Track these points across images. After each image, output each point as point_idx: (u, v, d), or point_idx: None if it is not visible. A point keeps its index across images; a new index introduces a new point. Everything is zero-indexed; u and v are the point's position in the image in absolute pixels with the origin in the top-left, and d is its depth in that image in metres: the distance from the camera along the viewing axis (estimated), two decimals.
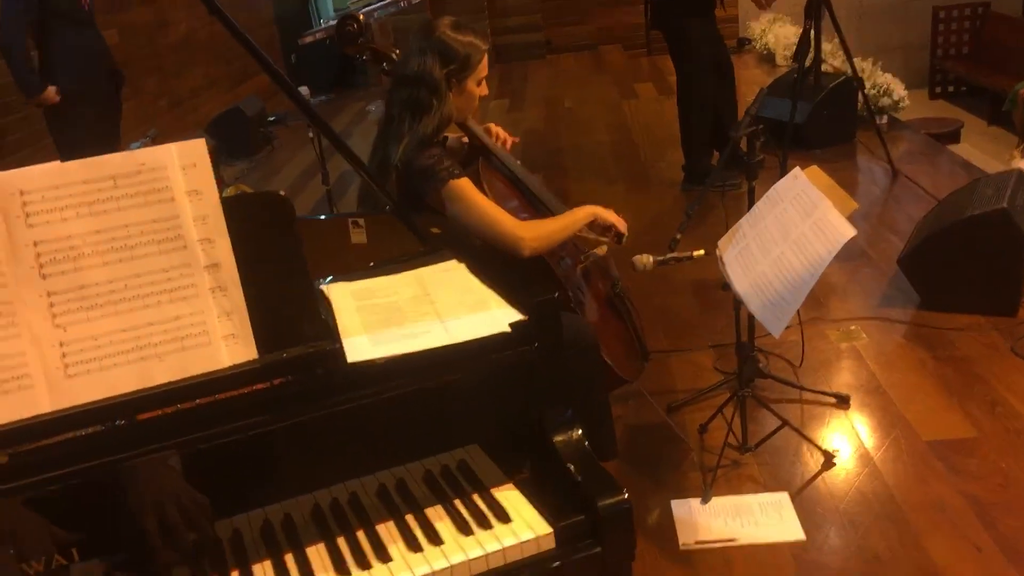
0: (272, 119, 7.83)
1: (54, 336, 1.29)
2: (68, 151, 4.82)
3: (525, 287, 1.53)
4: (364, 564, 1.35)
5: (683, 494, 2.70)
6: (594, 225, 2.58)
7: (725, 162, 4.20)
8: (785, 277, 2.34)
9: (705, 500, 2.67)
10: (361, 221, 1.93)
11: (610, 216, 2.57)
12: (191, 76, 7.99)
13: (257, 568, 1.38)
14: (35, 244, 1.29)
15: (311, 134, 4.20)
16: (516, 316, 1.42)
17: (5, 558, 1.23)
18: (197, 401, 1.33)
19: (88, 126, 4.96)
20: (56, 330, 1.29)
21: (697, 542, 2.52)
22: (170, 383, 1.34)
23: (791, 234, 2.41)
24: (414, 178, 2.39)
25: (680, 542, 2.52)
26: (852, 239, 2.26)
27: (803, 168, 2.52)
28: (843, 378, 3.23)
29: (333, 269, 1.71)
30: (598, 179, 5.80)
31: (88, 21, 5.07)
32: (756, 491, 2.69)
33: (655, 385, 3.24)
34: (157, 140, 5.07)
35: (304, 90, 4.16)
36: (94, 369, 1.30)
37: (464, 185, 2.35)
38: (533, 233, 2.39)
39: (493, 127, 2.70)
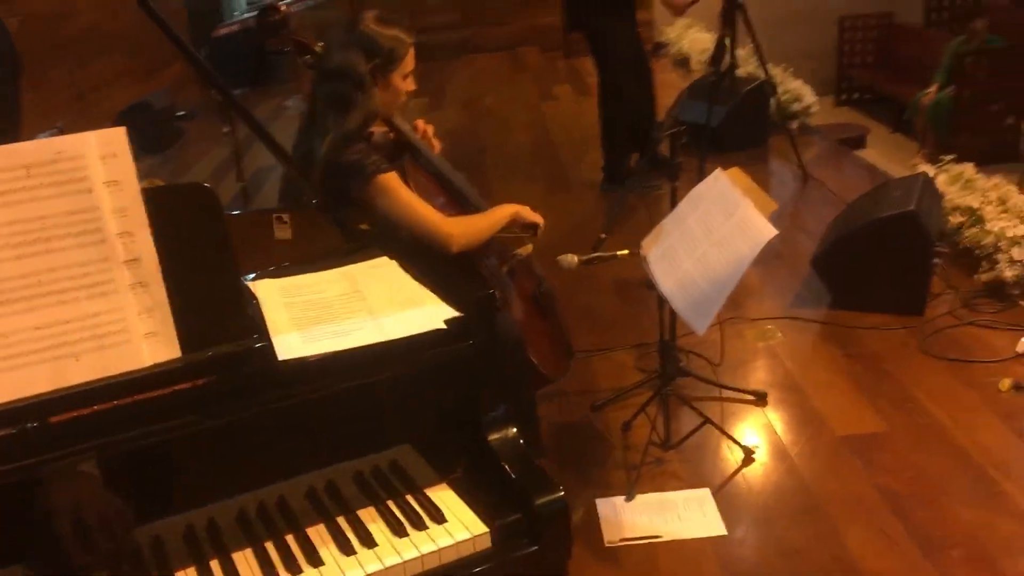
0: (182, 114, 7.60)
1: None
2: None
3: (453, 285, 1.51)
4: (295, 569, 1.31)
5: (608, 492, 2.72)
6: (516, 223, 2.57)
7: (646, 164, 4.27)
8: (709, 276, 2.38)
9: (629, 498, 2.69)
10: (286, 216, 1.87)
11: (530, 214, 2.58)
12: (97, 68, 7.70)
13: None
14: None
15: (226, 129, 4.08)
16: (450, 313, 1.40)
17: None
18: (115, 402, 1.27)
19: None
20: None
21: (622, 539, 2.54)
22: (86, 383, 1.27)
23: (714, 234, 2.44)
24: (339, 174, 2.33)
25: (605, 540, 2.53)
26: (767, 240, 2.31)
27: (722, 169, 2.56)
28: (760, 376, 3.30)
29: (257, 266, 1.66)
30: (519, 179, 5.81)
31: None
32: (679, 488, 2.72)
33: (579, 384, 3.25)
34: (64, 133, 4.86)
35: None
36: (4, 368, 1.23)
37: (391, 180, 2.31)
38: (460, 229, 2.37)
39: (421, 123, 2.66)
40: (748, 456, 2.82)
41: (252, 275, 1.61)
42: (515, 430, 1.49)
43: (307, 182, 1.95)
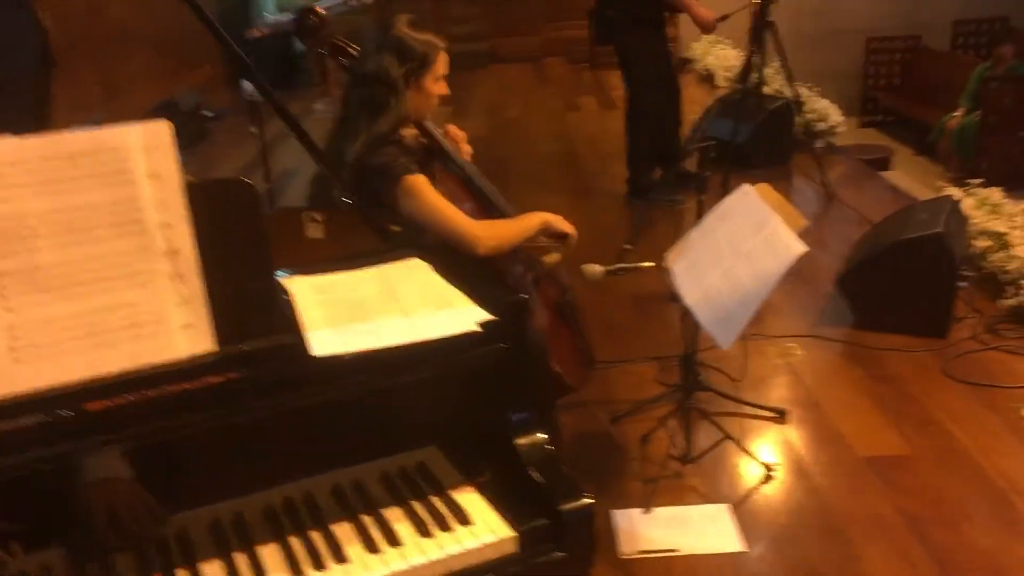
0: (209, 114, 7.66)
1: (3, 319, 1.22)
2: None
3: (485, 288, 1.51)
4: (319, 565, 1.31)
5: (624, 504, 2.71)
6: (547, 232, 2.56)
7: (670, 178, 4.27)
8: (735, 291, 2.37)
9: (647, 510, 2.68)
10: (319, 216, 1.88)
11: (562, 224, 2.56)
12: (127, 65, 7.77)
13: (206, 567, 1.33)
14: None
15: (254, 129, 4.12)
16: (484, 315, 1.40)
17: None
18: (150, 392, 1.28)
19: (16, 109, 4.76)
20: (6, 313, 1.22)
21: (639, 552, 2.53)
22: (122, 372, 1.28)
23: (741, 248, 2.44)
24: (369, 176, 2.34)
25: (622, 551, 2.52)
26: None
27: (751, 184, 2.56)
28: (781, 393, 3.28)
29: (288, 264, 1.67)
30: (542, 189, 5.82)
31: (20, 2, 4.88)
32: (697, 502, 2.71)
33: (598, 395, 3.25)
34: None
35: (247, 86, 4.08)
36: (44, 355, 1.24)
37: (419, 181, 2.32)
38: (489, 232, 2.37)
39: (453, 128, 2.67)
40: (768, 473, 2.80)
41: (285, 272, 1.62)
42: (543, 435, 1.49)
43: (340, 182, 1.96)
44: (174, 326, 1.31)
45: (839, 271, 3.80)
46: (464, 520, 1.39)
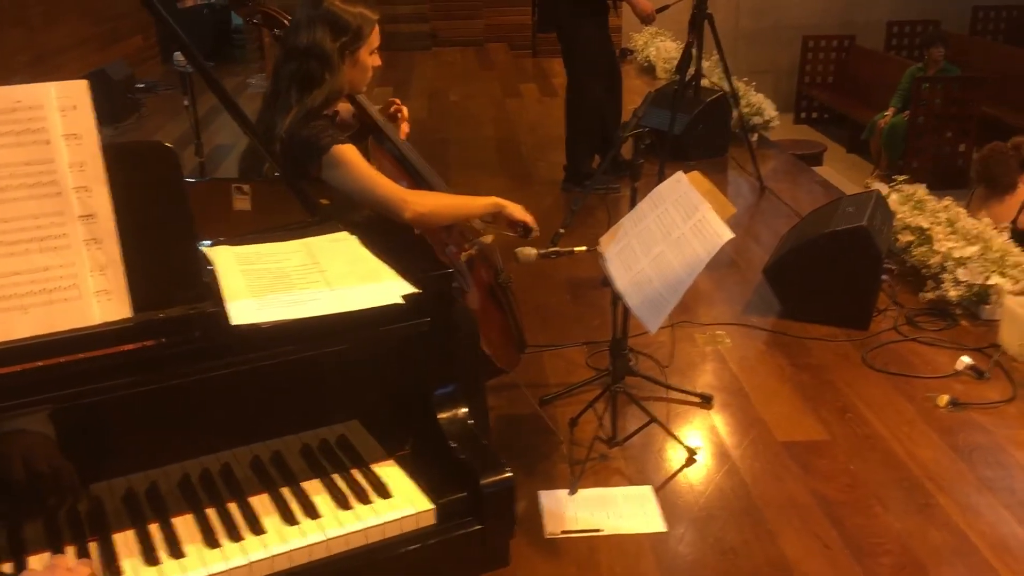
0: (141, 86, 7.47)
1: None
2: None
3: (412, 262, 1.51)
4: (236, 536, 1.30)
5: (551, 485, 2.73)
6: (499, 218, 2.53)
7: (607, 166, 4.29)
8: (664, 275, 2.40)
9: (572, 491, 2.71)
10: (246, 187, 1.86)
11: (517, 212, 2.52)
12: (57, 32, 7.53)
13: (118, 537, 1.31)
14: None
15: (186, 102, 4.04)
16: (409, 289, 1.40)
17: None
18: (62, 358, 1.25)
19: None
20: None
21: (563, 532, 2.55)
22: (33, 337, 1.25)
23: (672, 234, 2.47)
24: (297, 148, 2.31)
25: (547, 531, 2.54)
26: (722, 247, 2.34)
27: (683, 172, 2.59)
28: (707, 379, 3.34)
29: (214, 235, 1.64)
30: (481, 172, 5.82)
31: None
32: (622, 484, 2.75)
33: (528, 378, 3.26)
34: None
35: (179, 57, 3.99)
36: None
37: (347, 150, 2.28)
38: (418, 198, 2.33)
39: (396, 102, 2.65)
40: (691, 456, 2.85)
41: (208, 242, 1.60)
42: (465, 410, 1.49)
43: (269, 153, 1.93)
44: (88, 292, 1.28)
45: (767, 262, 3.87)
46: (384, 493, 1.39)
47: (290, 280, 1.42)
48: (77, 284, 1.27)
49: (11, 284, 1.24)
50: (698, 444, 2.92)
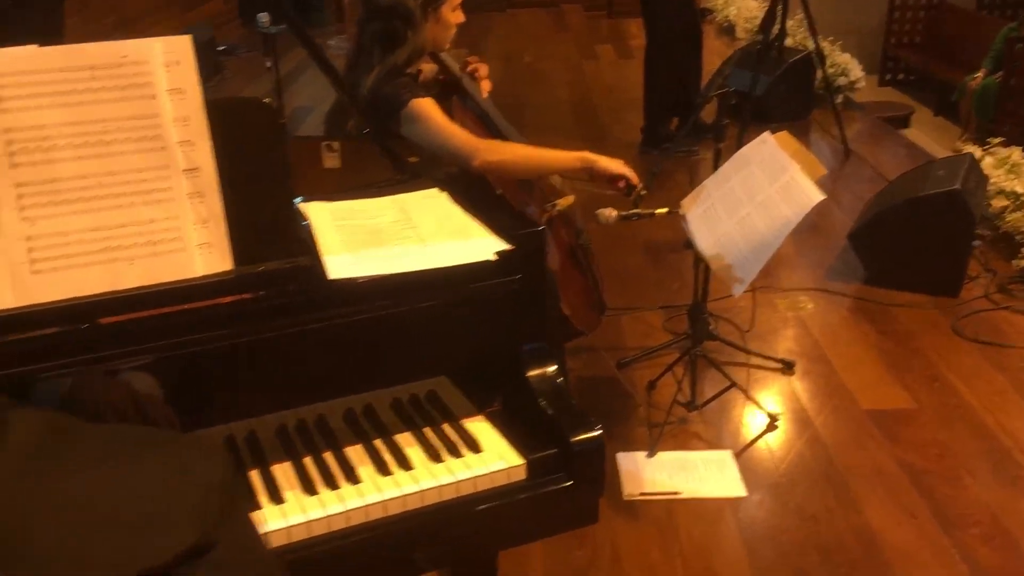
0: (222, 48, 7.58)
1: (21, 230, 1.22)
2: None
3: (503, 220, 1.50)
4: (332, 484, 1.32)
5: (629, 447, 2.74)
6: (593, 175, 2.47)
7: (687, 128, 4.23)
8: (750, 238, 2.36)
9: (651, 454, 2.70)
10: (335, 145, 1.87)
11: (614, 166, 2.41)
12: None
13: None
14: (6, 131, 1.21)
15: (269, 64, 4.06)
16: (501, 246, 1.39)
17: None
18: (166, 309, 1.28)
19: (28, 35, 4.72)
20: (23, 224, 1.22)
21: (641, 494, 2.56)
22: (139, 288, 1.28)
23: (757, 196, 2.42)
24: (379, 106, 2.31)
25: (624, 493, 2.55)
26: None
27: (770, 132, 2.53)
28: (789, 345, 3.29)
29: (304, 192, 1.66)
30: (556, 135, 5.78)
31: None
32: (700, 448, 2.74)
33: (606, 341, 3.26)
34: None
35: (262, 18, 4.02)
36: (61, 267, 1.24)
37: (425, 104, 2.27)
38: (489, 146, 2.28)
39: (474, 60, 2.64)
40: (772, 422, 2.82)
41: (301, 198, 1.62)
42: (554, 368, 1.49)
43: (359, 110, 1.94)
44: (191, 244, 1.31)
45: (852, 226, 3.78)
46: (474, 447, 1.40)
47: (384, 236, 1.43)
48: (181, 236, 1.30)
49: (119, 236, 1.27)
50: (779, 410, 2.89)
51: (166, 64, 1.29)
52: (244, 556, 0.65)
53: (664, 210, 2.74)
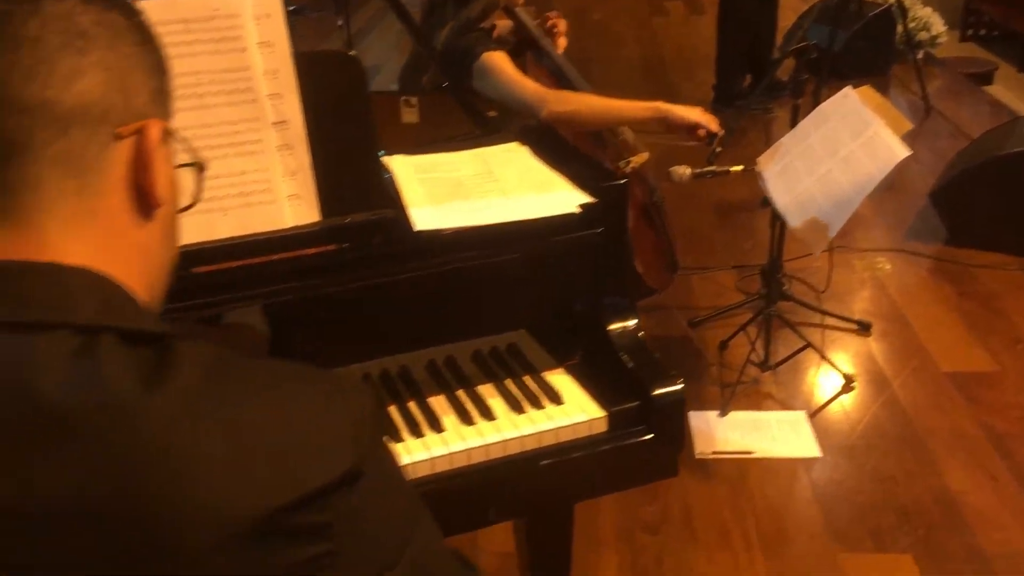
0: (292, 8, 7.63)
1: None
2: None
3: (584, 172, 1.50)
4: (417, 432, 1.35)
5: (701, 407, 2.73)
6: (671, 125, 2.40)
7: (762, 86, 4.14)
8: (831, 195, 2.31)
9: (723, 414, 2.69)
10: (414, 100, 1.88)
11: (691, 114, 2.34)
12: None
13: None
14: None
15: (340, 22, 4.10)
16: (583, 198, 1.39)
17: None
18: (256, 259, 1.32)
19: None
20: None
21: (713, 452, 2.55)
22: (232, 238, 1.31)
23: (839, 152, 2.37)
24: (453, 60, 2.31)
25: (696, 452, 2.55)
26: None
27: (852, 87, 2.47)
28: (865, 307, 3.23)
29: (385, 147, 1.68)
30: (626, 93, 5.69)
31: None
32: (773, 409, 2.72)
33: (677, 300, 3.24)
34: None
35: None
36: None
37: (496, 57, 2.25)
38: (558, 96, 2.25)
39: (554, 16, 2.61)
40: (848, 383, 2.78)
41: (383, 153, 1.63)
42: (634, 322, 1.49)
43: (437, 64, 1.95)
44: (281, 196, 1.34)
45: (934, 185, 3.67)
46: (555, 399, 1.41)
47: (467, 188, 1.44)
48: (271, 188, 1.33)
49: (213, 187, 1.30)
50: (854, 372, 2.84)
51: (256, 17, 1.31)
52: (389, 484, 0.70)
53: (739, 168, 2.69)
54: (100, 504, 0.59)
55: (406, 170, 1.49)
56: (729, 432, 2.62)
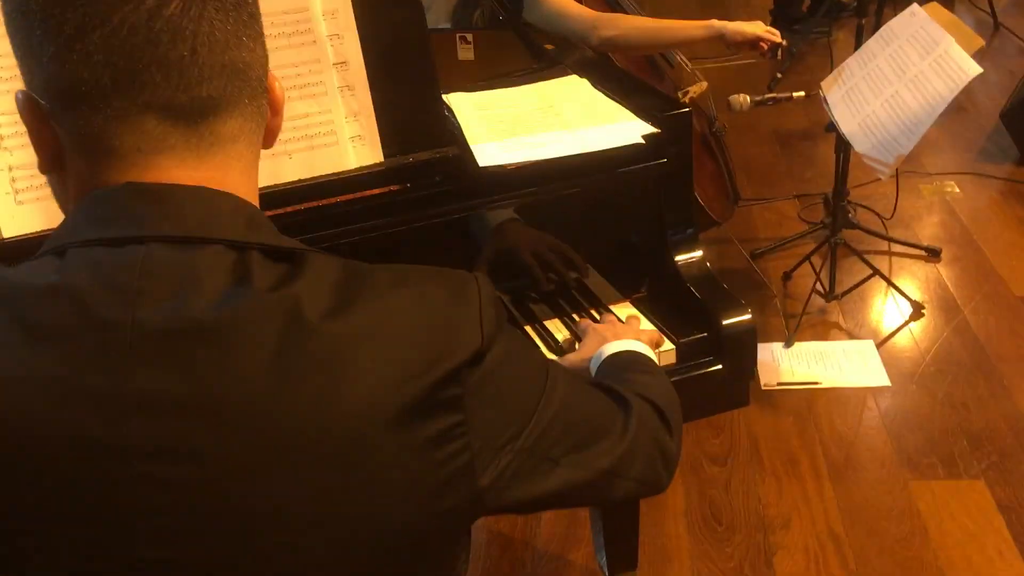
0: None
1: None
2: None
3: (646, 102, 1.47)
4: None
5: (766, 339, 2.70)
6: (729, 43, 2.28)
7: (823, 7, 4.01)
8: (898, 117, 2.25)
9: (788, 345, 2.67)
10: (469, 37, 1.86)
11: (751, 28, 2.24)
12: None
13: None
14: None
15: None
16: (647, 128, 1.37)
17: None
18: (323, 201, 1.33)
19: None
20: None
21: (779, 384, 2.54)
22: (299, 181, 1.32)
23: (907, 72, 2.29)
24: None
25: (762, 383, 2.54)
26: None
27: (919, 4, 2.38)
28: (934, 232, 3.16)
29: (443, 85, 1.66)
30: (678, 14, 5.57)
31: None
32: (840, 339, 2.69)
33: (739, 232, 3.20)
34: None
35: None
36: None
37: None
38: (609, 20, 2.16)
39: None
40: (917, 310, 2.73)
41: (442, 91, 1.62)
42: (700, 253, 1.48)
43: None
44: (344, 138, 1.34)
45: (1004, 104, 3.54)
46: None
47: (528, 123, 1.43)
48: (334, 130, 1.33)
49: None
50: (923, 299, 2.79)
51: None
52: (512, 358, 0.77)
53: (801, 93, 2.62)
54: (265, 402, 0.66)
55: (466, 108, 1.49)
56: (795, 363, 2.60)
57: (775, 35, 2.26)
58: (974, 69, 2.12)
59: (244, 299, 0.68)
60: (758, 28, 2.24)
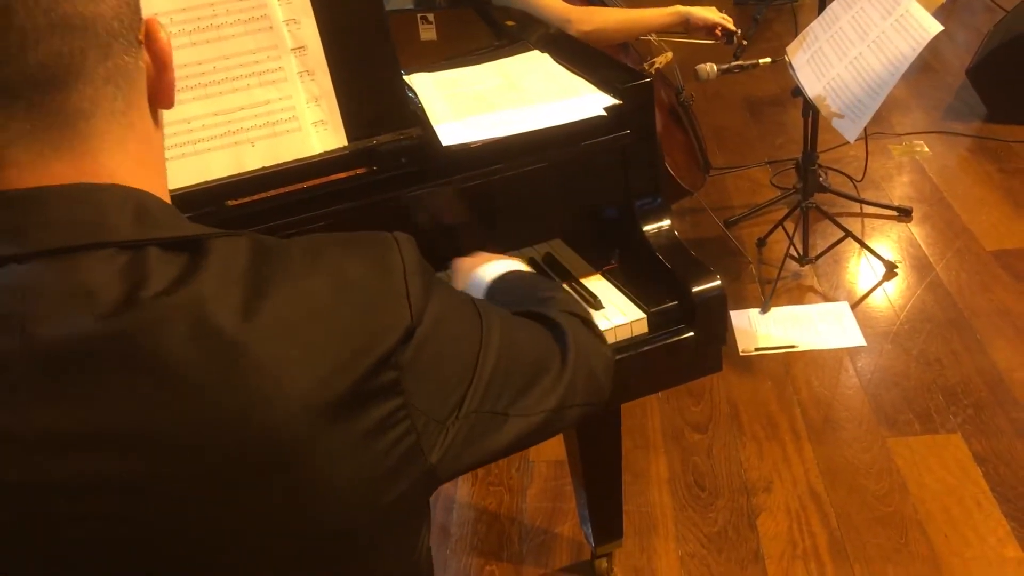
0: None
1: None
2: None
3: (607, 74, 1.47)
4: None
5: (741, 305, 2.73)
6: (689, 28, 2.39)
7: None
8: (863, 79, 2.26)
9: (764, 310, 2.69)
10: (431, 16, 1.85)
11: (711, 15, 2.35)
12: None
13: None
14: None
15: None
16: (609, 100, 1.38)
17: None
18: (287, 188, 1.33)
19: None
20: None
21: (756, 349, 2.56)
22: (262, 169, 1.32)
23: (870, 34, 2.30)
24: None
25: (740, 349, 2.56)
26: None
27: None
28: (905, 192, 3.18)
29: (405, 65, 1.66)
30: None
31: None
32: (816, 302, 2.71)
33: (712, 201, 3.21)
34: None
35: None
36: (188, 153, 1.29)
37: None
38: (583, 15, 2.19)
39: None
40: (890, 270, 2.76)
41: (404, 71, 1.62)
42: (668, 222, 1.49)
43: None
44: (307, 123, 1.34)
45: (970, 62, 3.56)
46: (595, 304, 1.42)
47: (491, 100, 1.43)
48: (296, 116, 1.33)
49: (239, 119, 1.31)
50: (897, 258, 2.81)
51: None
52: (443, 322, 0.73)
53: (767, 60, 2.63)
54: (186, 425, 0.62)
55: (428, 87, 1.48)
56: (771, 328, 2.63)
57: (728, 21, 2.39)
58: (935, 27, 2.13)
59: (140, 310, 0.60)
60: (716, 15, 2.36)
